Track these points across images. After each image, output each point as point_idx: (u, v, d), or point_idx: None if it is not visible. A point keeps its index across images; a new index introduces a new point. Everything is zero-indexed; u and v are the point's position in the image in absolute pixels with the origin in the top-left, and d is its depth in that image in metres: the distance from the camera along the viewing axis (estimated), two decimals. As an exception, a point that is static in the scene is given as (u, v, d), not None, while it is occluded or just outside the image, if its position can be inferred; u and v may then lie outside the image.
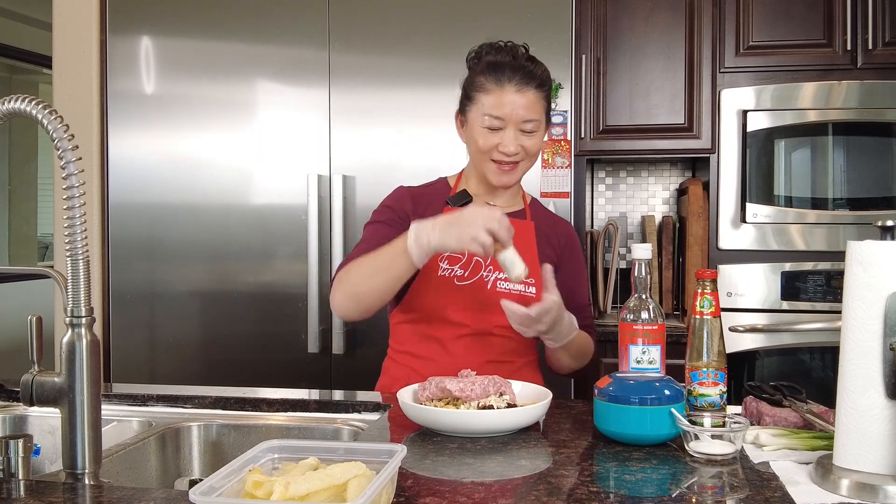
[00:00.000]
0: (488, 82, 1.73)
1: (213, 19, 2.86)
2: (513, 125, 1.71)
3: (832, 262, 2.74)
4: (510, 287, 1.73)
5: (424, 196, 1.83)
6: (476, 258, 1.74)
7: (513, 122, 1.71)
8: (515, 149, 1.71)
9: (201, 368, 2.85)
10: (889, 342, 1.08)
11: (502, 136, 1.72)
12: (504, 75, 1.72)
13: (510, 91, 1.71)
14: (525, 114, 1.71)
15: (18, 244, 5.92)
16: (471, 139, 1.76)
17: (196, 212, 2.87)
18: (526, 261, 1.65)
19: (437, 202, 1.81)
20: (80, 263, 1.19)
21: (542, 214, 1.90)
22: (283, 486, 0.93)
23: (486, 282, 1.73)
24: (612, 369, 1.47)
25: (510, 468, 1.21)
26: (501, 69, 1.73)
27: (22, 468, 1.28)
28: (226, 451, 1.61)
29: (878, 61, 2.73)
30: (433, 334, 1.75)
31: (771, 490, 1.10)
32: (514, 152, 1.72)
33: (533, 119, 1.72)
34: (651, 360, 1.42)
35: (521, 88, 1.71)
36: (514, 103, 1.70)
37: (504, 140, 1.71)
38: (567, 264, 1.86)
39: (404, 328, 1.81)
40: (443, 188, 1.86)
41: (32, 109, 1.16)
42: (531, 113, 1.72)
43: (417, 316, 1.77)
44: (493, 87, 1.72)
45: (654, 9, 2.86)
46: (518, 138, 1.72)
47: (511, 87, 1.71)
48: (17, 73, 5.84)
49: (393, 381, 1.79)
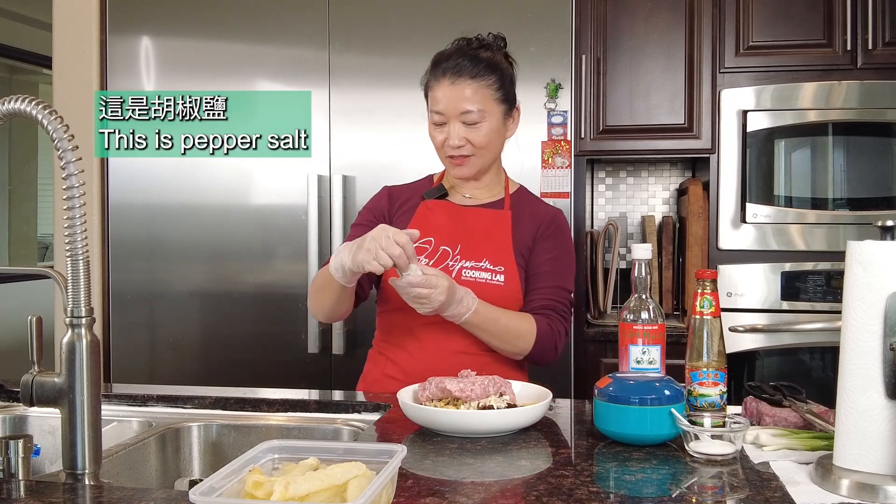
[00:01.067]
0: (432, 78, 1.76)
1: (213, 19, 2.86)
2: (454, 119, 1.73)
3: (832, 262, 2.74)
4: (476, 276, 1.73)
5: (404, 193, 1.87)
6: (443, 247, 1.76)
7: (453, 116, 1.72)
8: (459, 141, 1.73)
9: (201, 369, 2.85)
10: (889, 342, 1.08)
11: (447, 131, 1.74)
12: (440, 69, 1.74)
13: (445, 84, 1.72)
14: (461, 105, 1.71)
15: (18, 244, 5.92)
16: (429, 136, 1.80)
17: (196, 212, 2.87)
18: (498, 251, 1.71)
19: (414, 198, 1.86)
20: (80, 263, 1.19)
21: (527, 202, 1.88)
22: (283, 486, 0.93)
23: (451, 270, 1.74)
24: (612, 369, 1.47)
25: (510, 468, 1.21)
26: (441, 63, 1.75)
27: (22, 468, 1.28)
28: (226, 452, 1.61)
29: (878, 61, 2.73)
30: (403, 323, 1.77)
31: (771, 490, 1.10)
32: (458, 145, 1.73)
33: (470, 110, 1.72)
34: (651, 360, 1.42)
35: (454, 81, 1.72)
36: (449, 97, 1.72)
37: (449, 134, 1.73)
38: (541, 246, 1.80)
39: (381, 319, 1.86)
40: (425, 184, 1.90)
41: (32, 109, 1.16)
42: (468, 104, 1.71)
43: (390, 306, 1.79)
44: (434, 82, 1.75)
45: (654, 9, 2.86)
46: (461, 131, 1.73)
47: (445, 81, 1.72)
48: (17, 73, 5.84)
49: (372, 366, 1.85)
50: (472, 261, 1.75)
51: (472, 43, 1.79)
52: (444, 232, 1.79)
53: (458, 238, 1.78)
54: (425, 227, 1.77)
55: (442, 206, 1.83)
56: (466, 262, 1.75)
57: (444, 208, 1.83)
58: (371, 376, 1.84)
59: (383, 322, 1.85)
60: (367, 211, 1.87)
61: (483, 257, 1.76)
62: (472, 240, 1.78)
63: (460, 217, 1.81)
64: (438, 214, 1.82)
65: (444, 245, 1.77)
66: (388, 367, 1.80)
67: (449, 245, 1.77)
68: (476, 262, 1.75)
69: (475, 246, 1.77)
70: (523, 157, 2.63)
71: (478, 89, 1.73)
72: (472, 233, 1.79)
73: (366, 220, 1.83)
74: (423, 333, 1.75)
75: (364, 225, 1.80)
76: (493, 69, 1.75)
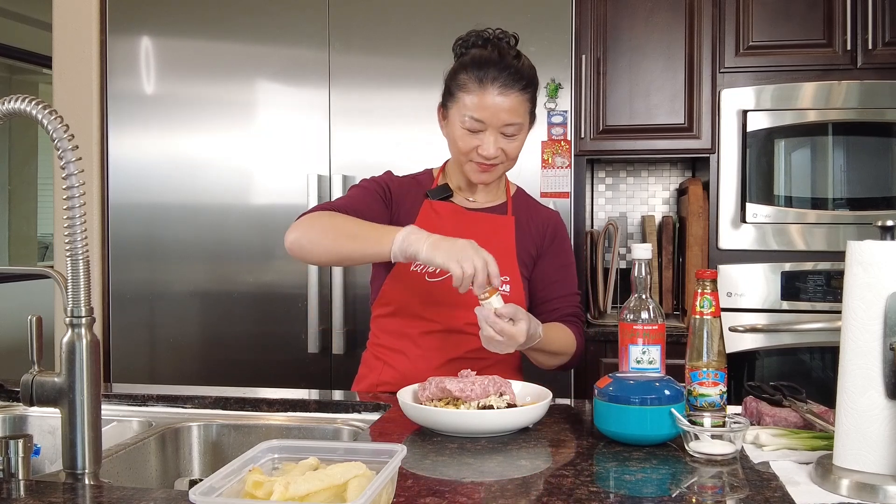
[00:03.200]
0: (471, 81, 1.67)
1: (213, 19, 2.86)
2: (493, 128, 1.67)
3: (832, 262, 2.74)
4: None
5: (405, 185, 1.83)
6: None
7: (494, 126, 1.67)
8: (495, 152, 1.68)
9: (201, 368, 2.85)
10: (889, 342, 1.08)
11: (482, 139, 1.67)
12: (488, 75, 1.65)
13: (493, 93, 1.65)
14: (507, 117, 1.66)
15: (18, 244, 5.92)
16: (451, 137, 1.73)
17: (196, 212, 2.87)
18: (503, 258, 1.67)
19: (417, 193, 1.81)
20: (80, 263, 1.19)
21: (526, 206, 1.87)
22: (283, 486, 0.93)
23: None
24: (612, 369, 1.47)
25: (510, 468, 1.21)
26: (485, 68, 1.66)
27: (22, 468, 1.28)
28: (226, 451, 1.61)
29: (878, 61, 2.73)
30: (404, 329, 1.76)
31: (771, 490, 1.10)
32: (494, 156, 1.68)
33: (515, 122, 1.68)
34: (651, 360, 1.42)
35: (504, 91, 1.65)
36: (497, 106, 1.65)
37: (484, 143, 1.67)
38: (549, 255, 1.82)
39: (379, 321, 1.82)
40: (426, 180, 1.86)
41: (32, 109, 1.16)
42: (514, 116, 1.67)
43: (391, 310, 1.78)
44: (475, 87, 1.66)
45: (654, 9, 2.86)
46: (498, 141, 1.68)
47: (494, 90, 1.65)
48: (17, 73, 5.84)
49: (368, 371, 1.82)
50: None
51: (508, 48, 1.71)
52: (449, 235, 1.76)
53: None
54: (430, 227, 1.73)
55: (446, 207, 1.80)
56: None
57: (448, 211, 1.80)
58: (367, 382, 1.82)
59: (381, 326, 1.82)
60: (376, 183, 1.81)
61: None
62: None
63: (465, 221, 1.79)
64: (443, 217, 1.78)
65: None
66: (385, 372, 1.78)
67: None
68: None
69: None
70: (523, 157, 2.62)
71: (522, 102, 1.68)
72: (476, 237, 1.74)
73: (375, 189, 1.77)
74: (423, 341, 1.74)
75: (371, 191, 1.76)
76: (532, 81, 1.70)
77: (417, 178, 1.87)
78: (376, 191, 1.77)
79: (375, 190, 1.78)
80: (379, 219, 1.73)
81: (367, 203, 1.73)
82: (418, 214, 1.79)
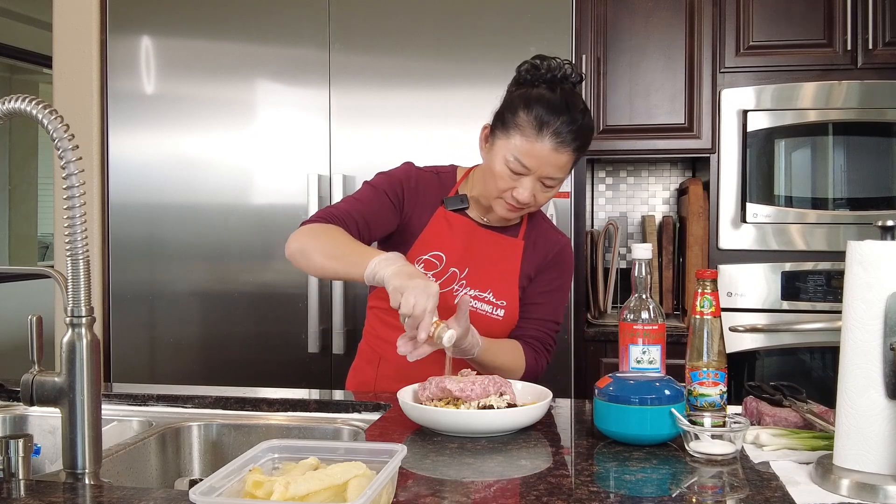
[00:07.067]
0: (529, 125, 1.60)
1: (213, 19, 2.86)
2: (535, 176, 1.63)
3: (832, 262, 2.74)
4: (478, 307, 1.72)
5: (424, 181, 1.79)
6: (452, 268, 1.73)
7: (536, 174, 1.63)
8: (528, 199, 1.64)
9: (201, 368, 2.85)
10: (889, 342, 1.08)
11: (521, 183, 1.63)
12: (549, 127, 1.59)
13: (547, 145, 1.60)
14: (552, 171, 1.63)
15: (18, 244, 5.92)
16: (490, 168, 1.67)
17: (196, 212, 2.87)
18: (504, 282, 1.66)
19: (434, 194, 1.79)
20: (80, 263, 1.19)
21: (539, 229, 1.84)
22: (283, 486, 0.93)
23: (455, 295, 1.71)
24: (612, 369, 1.48)
25: (510, 468, 1.21)
26: (549, 119, 1.60)
27: (22, 468, 1.28)
28: (226, 451, 1.61)
29: (878, 61, 2.73)
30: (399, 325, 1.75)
31: (771, 490, 1.10)
32: (526, 202, 1.65)
33: (558, 177, 1.65)
34: (651, 360, 1.42)
35: (559, 147, 1.60)
36: (546, 159, 1.61)
37: (522, 187, 1.63)
38: (540, 277, 1.80)
39: (376, 312, 1.82)
40: (448, 180, 1.82)
41: (32, 109, 1.16)
42: (559, 172, 1.64)
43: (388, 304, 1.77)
44: (532, 132, 1.60)
45: (654, 9, 2.86)
46: (535, 188, 1.64)
47: (550, 142, 1.59)
48: (17, 73, 5.84)
49: (364, 363, 1.83)
50: (477, 289, 1.73)
51: (577, 98, 1.65)
52: (457, 251, 1.74)
53: (468, 261, 1.74)
54: (439, 239, 1.74)
55: (460, 221, 1.77)
56: (471, 290, 1.73)
57: (461, 224, 1.77)
58: (364, 375, 1.82)
59: (377, 316, 1.82)
60: (387, 178, 1.78)
61: (488, 287, 1.73)
62: (481, 266, 1.75)
63: (475, 238, 1.76)
64: (455, 230, 1.76)
65: (453, 266, 1.73)
66: (382, 366, 1.78)
67: (458, 267, 1.73)
68: (481, 291, 1.73)
69: (483, 273, 1.74)
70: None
71: (571, 160, 1.64)
72: (483, 258, 1.75)
73: (384, 188, 1.75)
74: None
75: (379, 190, 1.74)
76: (588, 142, 1.66)
77: (440, 174, 1.82)
78: (386, 192, 1.75)
79: (385, 191, 1.75)
80: (384, 224, 1.73)
81: (372, 209, 1.71)
82: (430, 220, 1.76)
